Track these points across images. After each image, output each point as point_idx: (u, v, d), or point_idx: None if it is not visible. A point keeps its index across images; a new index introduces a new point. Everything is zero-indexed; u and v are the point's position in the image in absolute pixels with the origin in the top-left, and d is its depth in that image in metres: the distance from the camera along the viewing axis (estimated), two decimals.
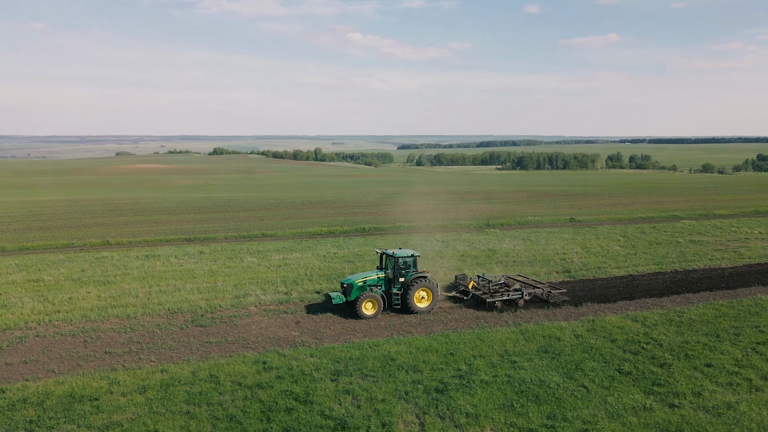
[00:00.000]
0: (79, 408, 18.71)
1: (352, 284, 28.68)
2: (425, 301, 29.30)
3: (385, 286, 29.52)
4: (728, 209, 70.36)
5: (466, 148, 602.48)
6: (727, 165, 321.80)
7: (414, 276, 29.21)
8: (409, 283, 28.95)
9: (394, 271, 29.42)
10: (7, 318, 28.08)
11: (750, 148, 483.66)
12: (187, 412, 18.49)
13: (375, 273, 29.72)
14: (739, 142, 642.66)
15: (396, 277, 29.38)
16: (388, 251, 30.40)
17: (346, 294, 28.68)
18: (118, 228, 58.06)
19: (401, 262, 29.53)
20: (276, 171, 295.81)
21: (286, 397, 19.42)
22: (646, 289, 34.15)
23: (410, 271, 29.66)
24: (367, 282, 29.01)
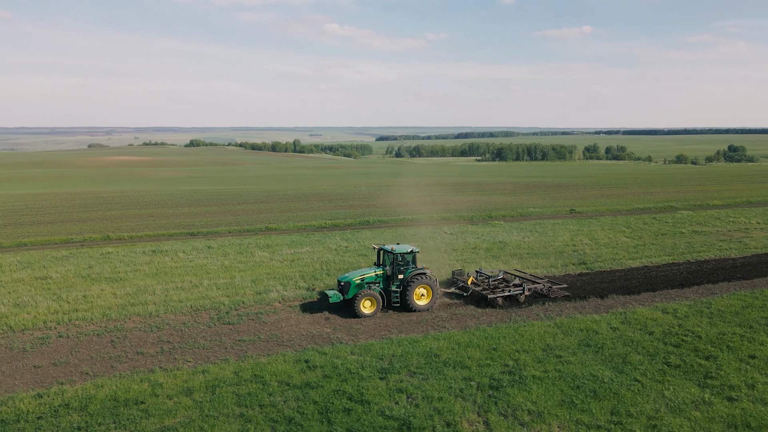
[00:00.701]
0: (126, 412, 17.91)
1: (350, 282, 27.54)
2: (425, 299, 28.28)
3: (383, 284, 28.41)
4: (721, 200, 71.45)
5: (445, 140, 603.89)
6: (700, 156, 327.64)
7: (414, 273, 28.17)
8: (408, 281, 27.89)
9: (392, 267, 28.31)
10: (24, 318, 26.93)
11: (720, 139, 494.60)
12: (240, 414, 17.83)
13: (373, 270, 28.57)
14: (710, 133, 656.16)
15: (395, 274, 28.24)
16: (386, 247, 29.15)
17: (343, 292, 27.54)
18: (114, 222, 56.48)
19: (400, 259, 28.44)
20: (256, 163, 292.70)
21: (339, 397, 18.88)
22: (665, 280, 34.28)
23: (409, 267, 28.54)
24: (365, 279, 27.89)
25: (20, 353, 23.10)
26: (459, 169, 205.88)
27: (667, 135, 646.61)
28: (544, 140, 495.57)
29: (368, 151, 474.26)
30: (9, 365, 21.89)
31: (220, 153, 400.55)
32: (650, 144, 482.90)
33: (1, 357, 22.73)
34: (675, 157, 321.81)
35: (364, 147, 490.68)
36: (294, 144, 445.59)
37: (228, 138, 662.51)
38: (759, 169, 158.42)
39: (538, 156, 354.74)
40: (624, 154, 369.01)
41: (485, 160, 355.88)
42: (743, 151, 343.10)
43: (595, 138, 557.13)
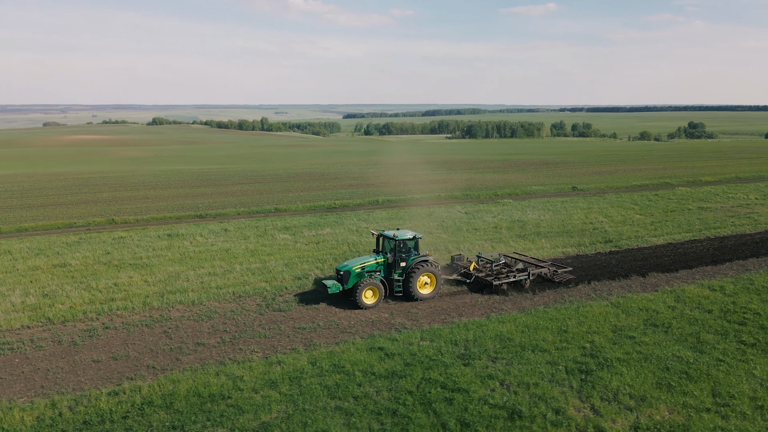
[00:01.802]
0: (216, 409, 16.95)
1: (350, 271, 25.83)
2: (428, 287, 26.83)
3: (384, 272, 26.76)
4: (711, 176, 72.98)
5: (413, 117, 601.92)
6: (662, 133, 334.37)
7: (416, 260, 26.65)
8: (411, 269, 26.36)
9: (394, 255, 26.62)
10: (60, 309, 25.38)
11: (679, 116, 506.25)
12: (337, 407, 17.06)
13: (373, 257, 26.83)
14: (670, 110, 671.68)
15: (396, 262, 26.60)
16: (388, 233, 27.39)
17: (342, 282, 25.88)
18: (110, 205, 54.13)
19: (402, 245, 26.87)
20: (224, 142, 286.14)
21: (431, 386, 18.26)
22: (695, 257, 34.59)
23: (412, 254, 27.06)
24: (365, 268, 26.18)
25: (72, 347, 21.73)
26: (435, 146, 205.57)
27: (629, 112, 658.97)
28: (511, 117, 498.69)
29: (336, 128, 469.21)
30: (66, 360, 20.55)
31: (186, 131, 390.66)
32: (613, 121, 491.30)
33: (54, 351, 21.33)
34: (639, 134, 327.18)
35: (332, 125, 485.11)
36: (261, 122, 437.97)
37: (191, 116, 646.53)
38: (730, 146, 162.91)
39: (507, 133, 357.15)
40: (590, 131, 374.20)
41: (455, 137, 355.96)
42: (702, 127, 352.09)
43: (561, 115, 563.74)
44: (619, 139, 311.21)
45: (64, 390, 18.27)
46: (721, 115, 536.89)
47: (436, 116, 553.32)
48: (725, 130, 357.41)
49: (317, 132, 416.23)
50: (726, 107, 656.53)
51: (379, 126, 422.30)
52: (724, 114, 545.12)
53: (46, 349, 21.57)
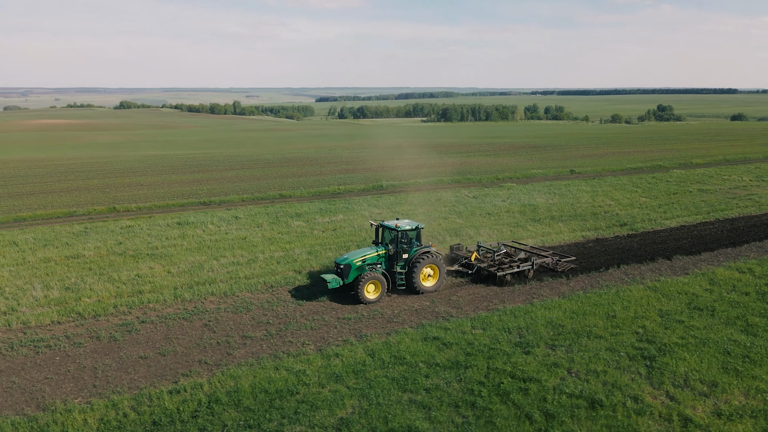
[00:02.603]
0: (286, 405, 16.34)
1: (350, 264, 24.54)
2: (432, 279, 25.70)
3: (386, 264, 25.48)
4: (701, 158, 74.16)
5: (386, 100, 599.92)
6: (632, 115, 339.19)
7: (419, 251, 25.47)
8: (414, 260, 25.17)
9: (396, 246, 25.31)
10: (88, 303, 24.28)
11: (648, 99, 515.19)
12: (411, 400, 16.61)
13: (374, 249, 25.47)
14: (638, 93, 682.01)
15: (399, 254, 25.32)
16: (389, 223, 25.95)
17: (343, 276, 24.55)
18: (104, 192, 52.30)
19: (404, 236, 25.57)
20: (198, 126, 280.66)
21: (500, 376, 17.94)
22: (712, 239, 34.95)
23: (413, 245, 25.80)
24: (366, 261, 24.90)
25: (113, 343, 20.77)
26: (415, 130, 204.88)
27: (599, 95, 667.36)
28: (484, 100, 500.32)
29: (310, 112, 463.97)
30: (111, 357, 19.62)
31: (155, 115, 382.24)
32: (584, 104, 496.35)
33: (95, 348, 20.35)
34: (610, 116, 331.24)
35: (306, 108, 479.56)
36: (234, 106, 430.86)
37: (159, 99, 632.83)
38: (705, 128, 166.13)
39: (481, 116, 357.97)
40: (562, 114, 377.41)
41: (431, 120, 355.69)
42: (671, 110, 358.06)
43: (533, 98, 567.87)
44: (591, 122, 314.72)
45: (120, 389, 17.42)
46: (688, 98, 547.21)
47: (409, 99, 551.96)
48: (692, 113, 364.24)
49: (291, 116, 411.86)
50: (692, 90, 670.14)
51: (353, 109, 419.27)
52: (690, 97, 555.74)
53: (86, 345, 20.57)
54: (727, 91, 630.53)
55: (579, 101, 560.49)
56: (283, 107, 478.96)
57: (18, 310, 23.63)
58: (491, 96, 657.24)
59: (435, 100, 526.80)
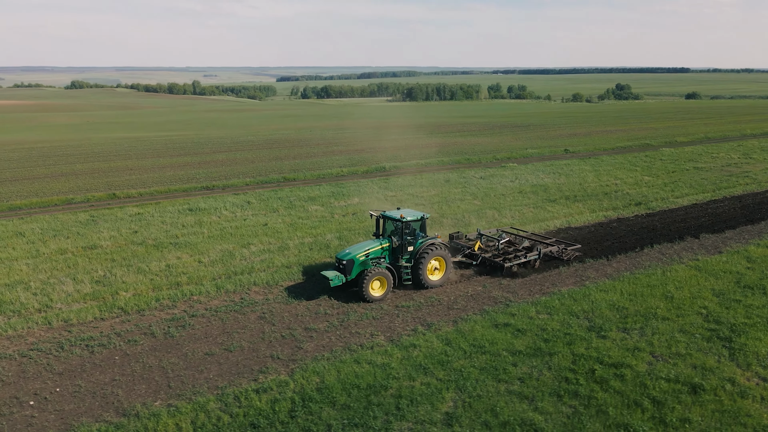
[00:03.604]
0: (384, 401, 15.68)
1: (353, 259, 22.87)
2: (438, 273, 24.27)
3: (390, 258, 23.91)
4: (683, 137, 75.75)
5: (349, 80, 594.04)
6: (593, 94, 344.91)
7: (426, 243, 23.96)
8: (420, 253, 23.66)
9: (401, 238, 23.66)
10: (126, 297, 22.93)
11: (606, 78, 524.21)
12: (509, 391, 16.15)
13: (377, 243, 23.76)
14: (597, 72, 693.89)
15: (404, 246, 23.69)
16: (391, 214, 24.20)
17: (345, 272, 22.80)
18: (94, 178, 49.80)
19: (409, 228, 23.97)
20: (158, 106, 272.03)
21: (589, 362, 17.64)
22: (728, 217, 35.55)
23: (418, 237, 24.31)
24: (369, 255, 23.26)
25: (170, 340, 19.62)
26: (385, 110, 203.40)
27: (558, 74, 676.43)
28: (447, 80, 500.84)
29: (272, 92, 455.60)
30: (175, 355, 18.51)
31: (111, 95, 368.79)
32: (545, 83, 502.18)
33: (153, 345, 19.18)
34: (571, 95, 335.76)
35: (268, 88, 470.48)
36: (193, 86, 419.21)
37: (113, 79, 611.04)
38: (673, 107, 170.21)
39: (446, 96, 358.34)
40: (525, 93, 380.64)
41: (396, 100, 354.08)
42: (629, 89, 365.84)
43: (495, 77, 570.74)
44: (553, 101, 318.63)
45: (199, 389, 16.41)
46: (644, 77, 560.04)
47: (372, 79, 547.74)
48: (648, 92, 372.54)
49: (253, 96, 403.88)
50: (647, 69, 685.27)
51: (317, 89, 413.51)
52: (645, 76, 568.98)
53: (142, 343, 19.36)
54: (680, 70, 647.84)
55: (540, 80, 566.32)
56: (245, 87, 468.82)
57: (53, 306, 22.12)
58: (453, 75, 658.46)
59: (398, 79, 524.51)
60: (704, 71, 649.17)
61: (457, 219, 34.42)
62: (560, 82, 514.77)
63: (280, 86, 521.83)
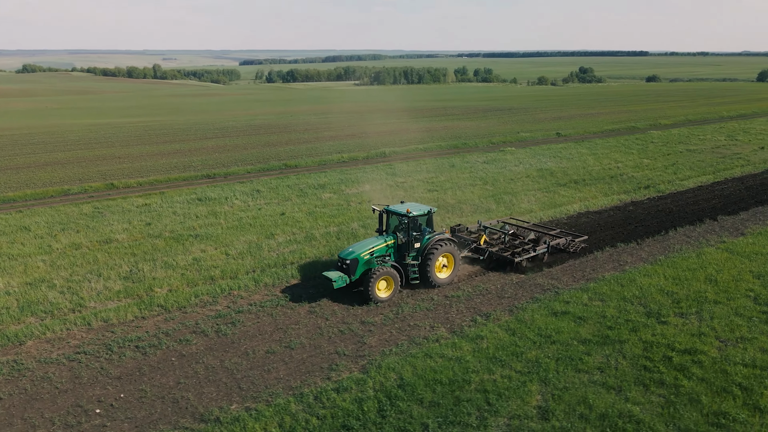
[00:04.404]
0: (472, 396, 15.23)
1: (358, 258, 21.39)
2: (446, 270, 23.00)
3: (395, 256, 22.49)
4: (666, 119, 77.08)
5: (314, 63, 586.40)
6: (557, 77, 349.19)
7: (433, 239, 22.51)
8: (428, 250, 22.27)
9: (408, 235, 22.19)
10: (162, 294, 21.84)
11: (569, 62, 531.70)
12: (594, 382, 15.89)
13: (382, 239, 22.22)
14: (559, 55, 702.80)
15: (410, 243, 22.25)
16: (396, 208, 22.55)
17: (349, 272, 21.30)
18: (84, 167, 47.58)
19: (417, 223, 22.52)
20: (118, 91, 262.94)
21: (661, 349, 17.49)
22: (737, 198, 36.15)
23: (425, 232, 22.83)
24: (374, 253, 21.77)
25: (223, 338, 18.74)
26: (356, 94, 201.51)
27: (522, 57, 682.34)
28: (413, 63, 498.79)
29: (236, 76, 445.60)
30: (235, 354, 17.65)
31: (66, 79, 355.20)
32: (510, 66, 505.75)
33: (208, 345, 18.26)
34: (537, 78, 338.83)
35: (231, 72, 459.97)
36: (154, 69, 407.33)
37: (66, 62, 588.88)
38: (642, 90, 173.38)
39: (414, 79, 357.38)
40: (492, 76, 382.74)
41: (363, 84, 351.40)
42: (592, 72, 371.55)
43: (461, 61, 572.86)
44: (519, 84, 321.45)
45: (274, 390, 15.65)
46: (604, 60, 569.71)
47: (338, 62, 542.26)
48: (610, 75, 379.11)
49: (216, 80, 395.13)
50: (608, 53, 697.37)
51: (282, 73, 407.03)
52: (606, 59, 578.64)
53: (195, 342, 18.42)
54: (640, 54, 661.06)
55: (504, 63, 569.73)
56: (207, 71, 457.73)
57: (86, 305, 20.89)
58: (419, 59, 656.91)
59: (364, 63, 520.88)
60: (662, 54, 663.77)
61: (475, 205, 34.09)
62: (524, 65, 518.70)
63: (244, 70, 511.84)
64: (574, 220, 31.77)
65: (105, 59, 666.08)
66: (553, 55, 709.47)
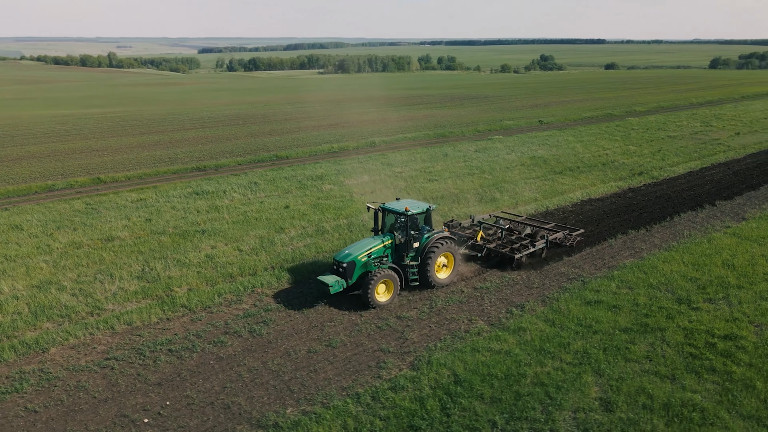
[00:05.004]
0: (531, 390, 15.06)
1: (354, 261, 20.05)
2: (446, 270, 21.90)
3: (393, 257, 21.20)
4: (640, 106, 78.67)
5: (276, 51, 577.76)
6: (519, 65, 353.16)
7: (433, 237, 21.27)
8: (428, 249, 21.04)
9: (406, 234, 20.94)
10: (183, 295, 20.93)
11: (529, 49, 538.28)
12: (646, 371, 15.90)
13: (379, 240, 20.88)
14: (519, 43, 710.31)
15: (409, 243, 21.01)
16: (394, 206, 21.21)
17: (346, 276, 19.95)
18: (60, 161, 45.47)
19: (416, 221, 21.38)
20: (72, 80, 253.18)
21: (702, 336, 17.67)
22: (729, 183, 37.07)
23: (424, 231, 21.62)
24: (372, 255, 20.50)
25: (259, 338, 18.06)
26: (324, 83, 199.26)
27: (484, 45, 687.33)
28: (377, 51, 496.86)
29: (196, 65, 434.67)
30: (276, 355, 17.00)
31: (15, 68, 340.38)
32: (472, 54, 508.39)
33: (245, 345, 17.56)
34: (500, 66, 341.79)
35: (191, 60, 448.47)
36: (109, 58, 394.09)
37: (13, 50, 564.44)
38: (608, 77, 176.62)
39: (378, 67, 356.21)
40: (455, 64, 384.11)
41: (328, 72, 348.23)
42: (552, 60, 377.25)
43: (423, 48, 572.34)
44: (483, 72, 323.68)
45: (326, 392, 15.13)
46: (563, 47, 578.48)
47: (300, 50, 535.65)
48: (570, 62, 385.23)
49: (176, 69, 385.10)
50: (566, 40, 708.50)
51: (244, 61, 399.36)
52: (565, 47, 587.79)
53: (231, 344, 17.69)
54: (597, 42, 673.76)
55: (467, 51, 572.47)
56: (165, 59, 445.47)
57: (104, 308, 19.86)
58: (382, 46, 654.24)
59: (327, 51, 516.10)
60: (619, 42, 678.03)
61: (479, 195, 33.96)
62: (486, 53, 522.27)
63: (203, 58, 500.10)
64: (578, 208, 31.96)
65: (55, 47, 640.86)
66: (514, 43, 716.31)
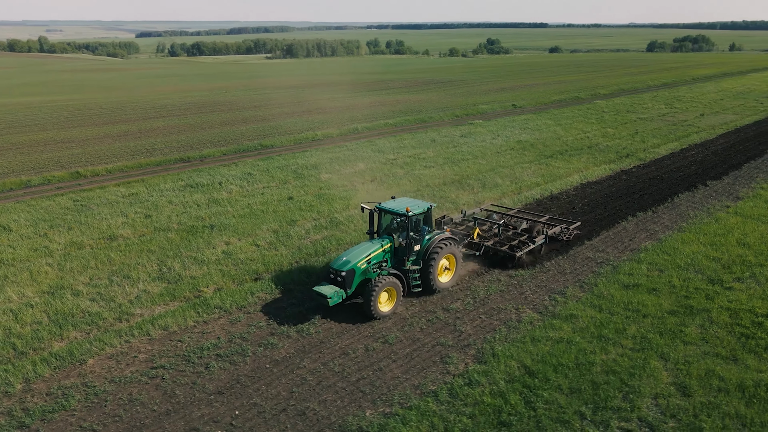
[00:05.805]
0: (607, 379, 15.02)
1: (354, 269, 18.24)
2: (448, 273, 20.41)
3: (392, 261, 19.56)
4: (604, 89, 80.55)
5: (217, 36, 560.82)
6: (467, 49, 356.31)
7: (435, 239, 19.76)
8: (430, 252, 19.50)
9: (407, 236, 19.21)
10: (214, 295, 19.84)
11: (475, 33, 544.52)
12: (708, 353, 16.15)
13: (377, 244, 19.10)
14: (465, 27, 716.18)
15: (410, 246, 19.33)
16: (393, 207, 19.43)
17: (345, 285, 18.18)
18: (27, 155, 42.44)
19: (417, 222, 19.75)
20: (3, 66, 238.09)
21: (747, 316, 18.09)
22: (713, 164, 38.33)
23: (425, 233, 19.94)
24: (371, 261, 18.72)
25: (309, 338, 17.31)
26: (277, 68, 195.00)
27: (430, 29, 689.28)
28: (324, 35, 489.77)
29: (134, 49, 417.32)
30: (331, 354, 16.33)
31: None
32: (420, 38, 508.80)
33: (297, 346, 16.77)
34: (448, 50, 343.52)
35: (129, 45, 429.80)
36: (40, 42, 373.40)
37: None
38: (560, 60, 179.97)
39: (327, 52, 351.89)
40: (404, 48, 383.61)
41: (276, 57, 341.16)
42: (499, 43, 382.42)
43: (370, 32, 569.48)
44: (432, 56, 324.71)
45: (402, 391, 14.60)
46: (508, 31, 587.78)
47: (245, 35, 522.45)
48: (515, 46, 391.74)
49: (113, 53, 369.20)
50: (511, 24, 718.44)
51: (187, 46, 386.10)
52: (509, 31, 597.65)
53: (282, 346, 16.85)
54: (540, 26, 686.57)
55: (414, 35, 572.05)
56: (102, 44, 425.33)
57: (131, 313, 18.59)
58: (328, 30, 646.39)
59: (272, 35, 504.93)
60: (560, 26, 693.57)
61: (480, 180, 33.83)
62: (434, 37, 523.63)
63: (143, 42, 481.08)
64: (580, 192, 32.29)
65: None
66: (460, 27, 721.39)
